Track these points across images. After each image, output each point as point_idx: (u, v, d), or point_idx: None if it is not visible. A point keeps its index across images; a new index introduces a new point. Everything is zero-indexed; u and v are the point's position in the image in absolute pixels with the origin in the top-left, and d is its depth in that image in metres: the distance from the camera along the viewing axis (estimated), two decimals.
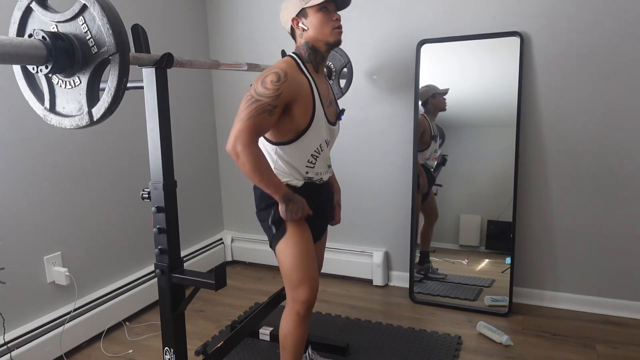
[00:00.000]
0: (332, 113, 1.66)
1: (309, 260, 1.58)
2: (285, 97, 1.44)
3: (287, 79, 1.44)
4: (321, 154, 1.60)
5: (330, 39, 1.56)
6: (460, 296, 2.59)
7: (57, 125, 1.10)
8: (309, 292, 1.57)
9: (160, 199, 1.40)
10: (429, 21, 2.54)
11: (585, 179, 2.38)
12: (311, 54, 1.57)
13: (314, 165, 1.60)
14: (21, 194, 2.02)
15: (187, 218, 2.86)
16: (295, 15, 1.55)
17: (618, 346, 2.15)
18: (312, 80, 1.54)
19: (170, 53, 1.29)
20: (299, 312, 1.59)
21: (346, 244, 3.00)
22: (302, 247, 1.57)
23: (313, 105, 1.52)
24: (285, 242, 1.57)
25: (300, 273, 1.56)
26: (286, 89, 1.43)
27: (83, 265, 2.30)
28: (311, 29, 1.54)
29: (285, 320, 1.64)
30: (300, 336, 1.63)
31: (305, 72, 1.55)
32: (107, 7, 0.98)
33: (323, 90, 1.60)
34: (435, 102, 2.60)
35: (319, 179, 1.65)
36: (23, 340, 1.98)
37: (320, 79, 1.62)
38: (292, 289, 1.59)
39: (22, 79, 1.14)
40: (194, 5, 3.04)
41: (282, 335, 1.65)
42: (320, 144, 1.59)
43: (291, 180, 1.58)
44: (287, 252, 1.57)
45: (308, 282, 1.57)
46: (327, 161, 1.67)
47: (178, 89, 2.84)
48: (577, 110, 2.34)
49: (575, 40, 2.29)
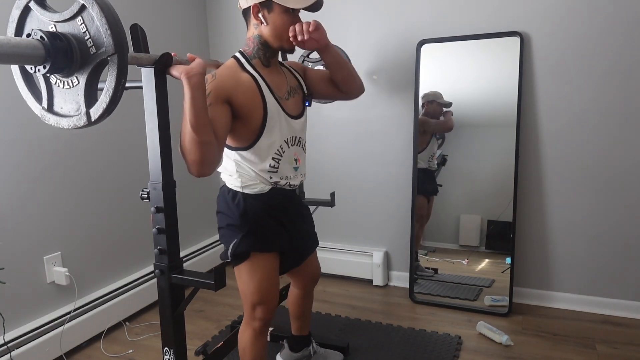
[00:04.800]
0: (294, 105, 1.55)
1: (269, 283, 1.53)
2: (216, 94, 1.34)
3: (214, 78, 1.37)
4: (283, 156, 1.51)
5: (286, 45, 1.47)
6: (460, 296, 2.59)
7: (55, 125, 1.10)
8: (266, 312, 1.55)
9: (159, 199, 1.39)
10: (429, 21, 2.54)
11: (585, 178, 2.37)
12: (260, 49, 1.47)
13: (276, 169, 1.50)
14: (21, 194, 2.02)
15: (186, 218, 2.86)
16: (258, 3, 1.40)
17: (618, 346, 2.14)
18: (258, 76, 1.44)
19: (169, 53, 1.29)
20: (255, 328, 1.57)
21: (346, 244, 2.99)
22: (266, 270, 1.52)
23: (263, 100, 1.43)
24: (248, 265, 1.52)
25: (260, 295, 1.52)
26: (215, 85, 1.35)
27: (83, 265, 2.30)
28: (270, 27, 1.43)
29: (243, 335, 1.61)
30: (258, 350, 1.60)
31: (249, 69, 1.44)
32: (106, 7, 0.98)
33: (276, 83, 1.49)
34: (431, 108, 2.60)
35: (287, 183, 1.54)
36: (23, 340, 1.98)
37: (273, 71, 1.51)
38: (250, 308, 1.55)
39: (20, 79, 1.14)
40: (194, 5, 3.04)
41: (240, 349, 1.62)
42: (281, 145, 1.49)
43: (256, 184, 1.50)
44: (250, 274, 1.52)
45: (267, 304, 1.54)
46: (291, 164, 1.55)
47: (177, 89, 2.84)
48: (577, 110, 2.34)
49: (575, 40, 2.28)
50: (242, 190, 1.51)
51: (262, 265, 1.52)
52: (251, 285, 1.52)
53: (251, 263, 1.51)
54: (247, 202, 1.50)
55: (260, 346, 1.60)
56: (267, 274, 1.53)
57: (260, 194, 1.51)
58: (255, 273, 1.51)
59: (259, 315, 1.55)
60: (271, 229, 1.54)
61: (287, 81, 1.56)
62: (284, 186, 1.55)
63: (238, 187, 1.51)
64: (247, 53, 1.48)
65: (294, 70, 1.66)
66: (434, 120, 2.62)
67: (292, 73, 1.64)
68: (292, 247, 1.62)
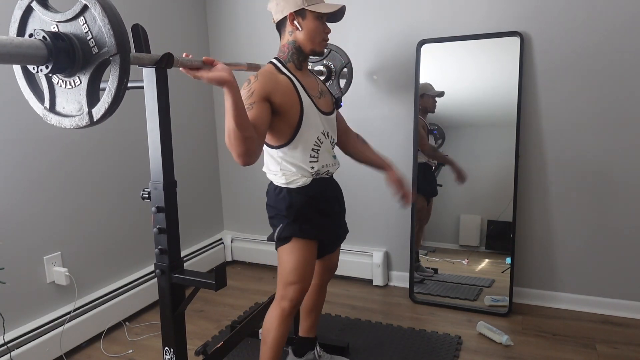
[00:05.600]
0: (325, 104, 1.69)
1: (307, 266, 1.65)
2: (258, 93, 1.48)
3: (257, 79, 1.51)
4: (322, 146, 1.64)
5: (317, 49, 1.62)
6: (460, 296, 2.59)
7: (57, 125, 1.10)
8: (299, 292, 1.65)
9: (160, 199, 1.39)
10: (429, 21, 2.54)
11: (585, 178, 2.38)
12: (295, 53, 1.62)
13: (317, 158, 1.63)
14: (21, 194, 2.02)
15: (187, 218, 2.86)
16: (293, 12, 1.56)
17: (618, 346, 2.15)
18: (293, 77, 1.59)
19: (171, 53, 1.29)
20: (284, 308, 1.66)
21: (346, 244, 2.98)
22: (304, 253, 1.64)
23: (299, 98, 1.57)
24: (289, 246, 1.64)
25: (297, 275, 1.64)
26: (257, 86, 1.49)
27: (83, 265, 2.30)
28: (304, 32, 1.58)
29: (270, 316, 1.70)
30: (282, 333, 1.68)
31: (285, 72, 1.59)
32: (109, 7, 0.98)
33: (309, 84, 1.64)
34: (422, 103, 2.61)
35: (326, 171, 1.68)
36: (23, 340, 1.98)
37: (305, 74, 1.67)
38: (284, 286, 1.66)
39: (22, 79, 1.14)
40: (194, 5, 3.04)
41: (265, 330, 1.71)
42: (318, 136, 1.63)
43: (299, 178, 1.62)
44: (290, 255, 1.64)
45: (301, 284, 1.65)
46: (330, 152, 1.70)
47: (178, 89, 2.84)
48: (577, 110, 2.34)
49: (575, 40, 2.29)
50: (287, 186, 1.63)
51: (302, 248, 1.64)
52: (289, 265, 1.64)
53: (292, 246, 1.64)
54: (291, 196, 1.63)
55: (284, 329, 1.69)
56: (304, 257, 1.65)
57: (303, 187, 1.63)
58: (294, 254, 1.64)
59: (290, 294, 1.65)
60: (313, 220, 1.66)
61: (318, 83, 1.73)
62: (323, 174, 1.68)
63: (283, 183, 1.64)
64: (282, 58, 1.63)
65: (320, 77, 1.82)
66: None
67: (319, 79, 1.79)
68: (330, 236, 1.77)
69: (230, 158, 1.71)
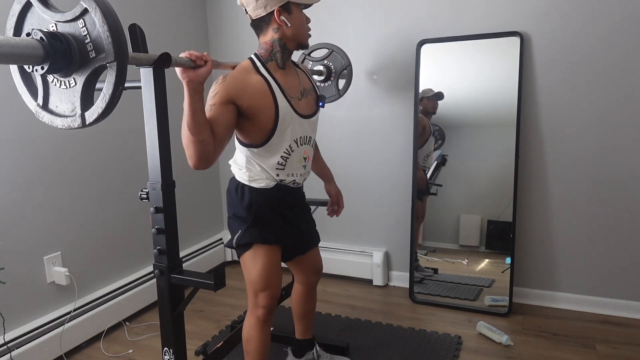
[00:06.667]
0: (306, 105, 1.60)
1: (273, 271, 1.59)
2: (221, 95, 1.41)
3: (224, 80, 1.44)
4: (292, 155, 1.56)
5: (305, 41, 1.56)
6: (460, 296, 2.59)
7: (49, 124, 1.08)
8: (269, 298, 1.60)
9: (158, 199, 1.39)
10: (429, 21, 2.54)
11: (585, 178, 2.37)
12: (279, 51, 1.52)
13: (284, 166, 1.56)
14: (21, 194, 2.02)
15: (186, 218, 2.86)
16: (279, 7, 1.46)
17: (618, 346, 2.14)
18: (271, 79, 1.50)
19: (168, 53, 1.29)
20: (259, 316, 1.61)
21: (346, 244, 2.99)
22: (268, 259, 1.58)
23: (274, 101, 1.48)
24: (252, 253, 1.58)
25: (264, 282, 1.58)
26: (221, 88, 1.42)
27: (83, 265, 2.30)
28: (292, 27, 1.49)
29: (247, 325, 1.66)
30: (262, 341, 1.64)
31: (263, 72, 1.50)
32: (109, 13, 0.96)
33: (289, 84, 1.55)
34: (423, 105, 2.61)
35: (292, 181, 1.61)
36: (23, 340, 1.98)
37: (287, 72, 1.57)
38: (254, 295, 1.60)
39: (17, 73, 1.13)
40: (194, 5, 3.04)
41: (245, 340, 1.67)
42: (290, 145, 1.55)
43: (262, 179, 1.56)
44: (253, 262, 1.58)
45: (270, 290, 1.59)
46: (301, 162, 1.61)
47: (176, 89, 2.84)
48: (577, 110, 2.33)
49: (575, 40, 2.28)
50: (249, 184, 1.57)
51: (265, 254, 1.58)
52: (254, 272, 1.58)
53: (254, 252, 1.58)
54: (252, 196, 1.57)
55: (263, 336, 1.64)
56: (269, 263, 1.58)
57: (265, 189, 1.57)
58: (258, 261, 1.57)
59: (262, 302, 1.59)
60: (274, 222, 1.60)
61: (300, 82, 1.61)
62: (288, 184, 1.61)
63: (245, 180, 1.58)
64: (263, 57, 1.53)
65: (308, 72, 1.72)
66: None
67: (307, 75, 1.69)
68: (294, 241, 1.68)
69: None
